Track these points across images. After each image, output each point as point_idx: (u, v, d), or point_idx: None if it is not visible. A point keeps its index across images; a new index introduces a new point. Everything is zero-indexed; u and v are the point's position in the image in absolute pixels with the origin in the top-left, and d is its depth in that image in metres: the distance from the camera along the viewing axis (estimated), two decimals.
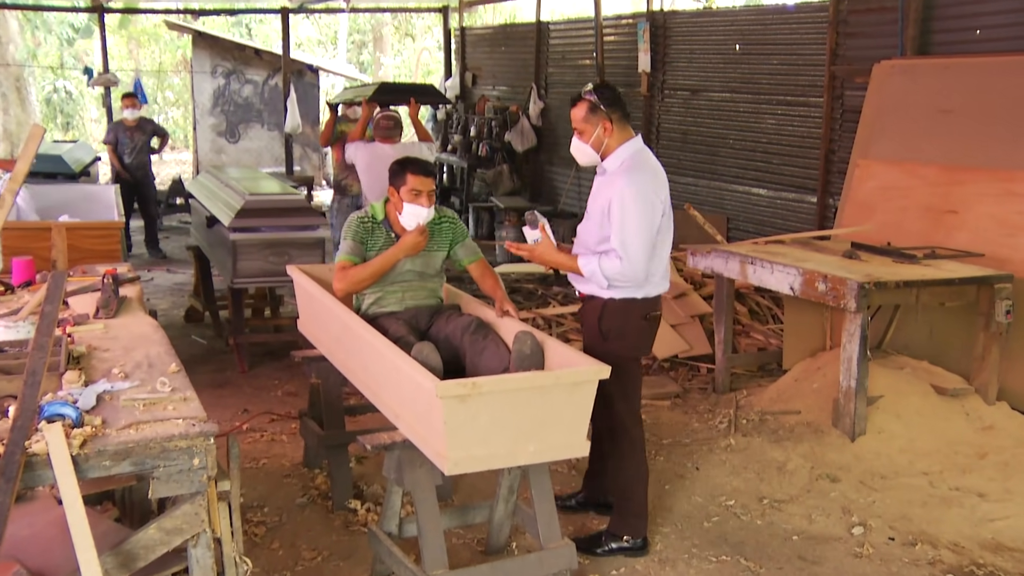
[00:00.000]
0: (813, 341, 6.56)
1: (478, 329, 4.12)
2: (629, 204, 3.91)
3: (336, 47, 28.63)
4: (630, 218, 3.91)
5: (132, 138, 11.05)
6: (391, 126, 7.76)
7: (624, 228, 3.91)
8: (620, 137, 4.06)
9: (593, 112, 4.02)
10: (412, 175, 4.32)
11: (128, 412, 2.91)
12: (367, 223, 4.42)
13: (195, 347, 7.51)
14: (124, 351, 3.57)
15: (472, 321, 4.19)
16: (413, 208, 4.31)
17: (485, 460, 3.36)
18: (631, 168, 4.00)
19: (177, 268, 10.67)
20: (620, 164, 4.04)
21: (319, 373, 4.71)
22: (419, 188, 4.30)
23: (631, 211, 3.91)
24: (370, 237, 4.40)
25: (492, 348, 3.99)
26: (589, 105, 4.02)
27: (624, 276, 3.95)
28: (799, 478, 5.09)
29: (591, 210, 4.12)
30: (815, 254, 6.08)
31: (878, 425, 5.42)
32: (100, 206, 7.18)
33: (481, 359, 3.97)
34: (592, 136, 4.04)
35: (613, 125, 4.02)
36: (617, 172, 4.02)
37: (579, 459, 5.01)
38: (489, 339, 4.05)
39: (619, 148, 4.05)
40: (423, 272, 4.47)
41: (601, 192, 4.06)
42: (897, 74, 7.31)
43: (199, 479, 2.78)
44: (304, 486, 4.96)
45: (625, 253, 3.91)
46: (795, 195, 9.17)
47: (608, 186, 4.01)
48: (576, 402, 3.45)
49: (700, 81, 10.44)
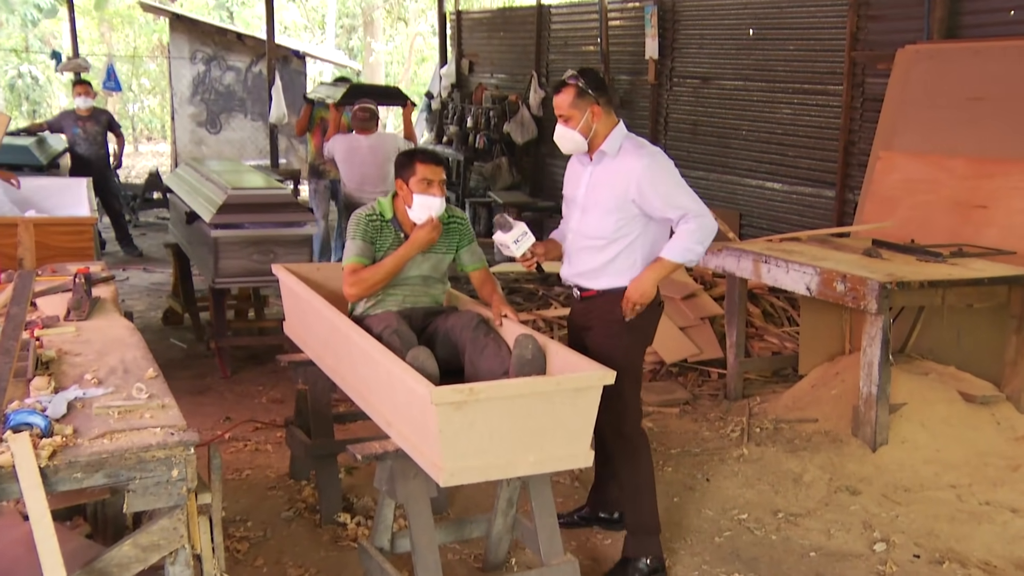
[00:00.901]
0: (831, 345, 6.56)
1: (480, 326, 4.12)
2: (661, 172, 4.01)
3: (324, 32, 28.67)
4: (671, 182, 4.01)
5: (85, 128, 10.95)
6: (367, 117, 8.33)
7: (671, 194, 3.99)
8: (608, 122, 4.12)
9: (581, 97, 4.07)
10: (421, 163, 4.29)
11: (101, 421, 2.89)
12: (375, 221, 4.36)
13: (174, 351, 7.50)
14: (97, 355, 3.56)
15: (475, 317, 4.19)
16: (424, 199, 4.27)
17: (483, 471, 3.36)
18: (638, 146, 4.09)
19: (154, 267, 10.66)
20: (620, 147, 4.09)
21: (306, 378, 4.70)
22: (430, 177, 4.27)
23: (666, 177, 4.01)
24: (378, 236, 4.35)
25: (493, 348, 3.99)
26: (576, 90, 4.08)
27: (708, 230, 4.00)
28: (817, 490, 5.08)
29: (600, 197, 4.10)
30: (833, 252, 6.08)
31: (901, 434, 5.42)
32: (70, 200, 7.16)
33: (481, 358, 3.97)
34: (580, 122, 4.08)
35: (601, 109, 4.09)
36: (624, 155, 4.07)
37: (583, 470, 5.00)
38: (491, 337, 4.06)
39: (612, 133, 4.11)
40: (429, 276, 4.45)
41: (608, 179, 4.07)
42: (923, 59, 7.30)
43: (178, 492, 2.77)
44: (290, 499, 4.95)
45: (691, 211, 3.98)
46: (812, 189, 9.16)
47: (618, 172, 4.05)
48: (579, 409, 3.44)
49: (711, 68, 10.43)
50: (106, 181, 11.13)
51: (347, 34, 29.93)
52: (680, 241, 4.00)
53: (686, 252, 4.01)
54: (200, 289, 8.14)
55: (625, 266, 4.10)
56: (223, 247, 6.45)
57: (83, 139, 10.94)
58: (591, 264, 4.15)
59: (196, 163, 8.39)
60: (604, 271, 4.13)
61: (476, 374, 3.95)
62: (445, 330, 4.20)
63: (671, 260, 4.03)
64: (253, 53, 17.16)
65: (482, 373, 3.92)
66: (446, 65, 15.91)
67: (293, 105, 16.54)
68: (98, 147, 11.09)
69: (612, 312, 4.12)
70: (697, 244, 3.99)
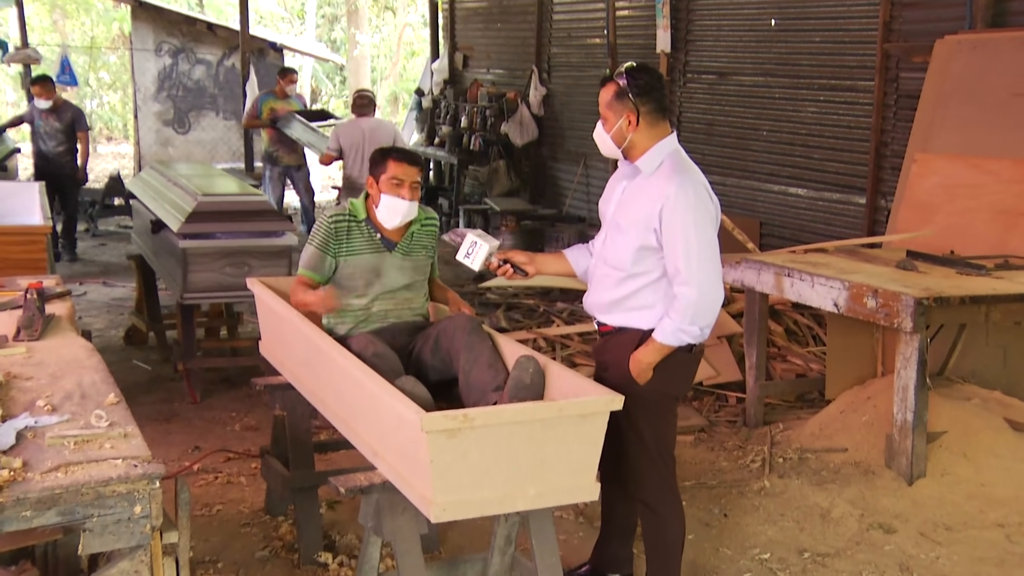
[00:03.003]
0: (862, 367, 6.55)
1: (476, 330, 4.15)
2: (682, 209, 3.76)
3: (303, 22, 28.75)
4: (686, 226, 3.76)
5: (48, 122, 11.06)
6: (365, 104, 10.00)
7: (676, 241, 3.76)
8: (650, 135, 3.90)
9: (619, 99, 3.89)
10: (394, 161, 4.36)
11: (55, 452, 2.88)
12: (343, 223, 4.43)
13: (137, 374, 7.48)
14: (51, 379, 3.55)
15: (469, 320, 4.23)
16: (391, 200, 4.34)
17: (478, 505, 3.35)
18: (675, 169, 3.85)
19: (116, 281, 10.65)
20: (658, 167, 3.89)
21: (284, 403, 4.69)
22: (401, 177, 4.33)
23: (683, 217, 3.76)
24: (346, 238, 4.42)
25: (488, 357, 4.02)
26: (616, 90, 3.90)
27: (704, 307, 3.76)
28: (847, 528, 5.07)
29: (623, 220, 3.92)
30: (864, 264, 6.08)
31: (941, 466, 5.41)
32: (20, 206, 7.14)
33: (475, 368, 4.00)
34: (614, 127, 3.91)
35: (640, 119, 3.86)
36: (659, 176, 3.86)
37: (588, 504, 4.98)
38: (487, 345, 4.09)
39: (653, 148, 3.89)
40: (412, 282, 4.53)
41: (637, 200, 3.90)
42: (964, 51, 7.31)
43: (141, 530, 2.76)
44: (266, 536, 4.93)
45: (695, 276, 3.74)
46: (840, 196, 9.18)
47: (647, 194, 3.86)
48: (584, 437, 3.44)
49: (729, 63, 10.47)
50: (62, 186, 11.18)
51: (329, 24, 30.04)
52: (670, 320, 3.79)
53: (678, 334, 3.79)
54: (167, 305, 8.15)
55: (642, 307, 3.92)
56: (192, 259, 6.44)
57: (44, 135, 11.12)
58: (607, 296, 4.00)
59: (162, 166, 8.40)
60: (620, 306, 3.97)
61: (468, 385, 3.99)
62: (436, 335, 4.24)
63: (662, 343, 3.82)
64: (225, 45, 17.20)
65: (473, 385, 3.96)
66: (438, 59, 15.95)
67: None
68: (57, 144, 11.18)
69: (626, 352, 3.96)
70: (689, 324, 3.76)
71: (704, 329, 3.81)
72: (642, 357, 3.87)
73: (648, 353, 3.85)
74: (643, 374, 3.88)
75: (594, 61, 12.49)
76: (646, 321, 3.91)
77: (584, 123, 12.36)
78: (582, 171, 12.59)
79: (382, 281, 4.42)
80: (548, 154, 13.51)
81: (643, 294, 3.91)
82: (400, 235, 4.48)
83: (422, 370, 4.22)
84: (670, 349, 3.83)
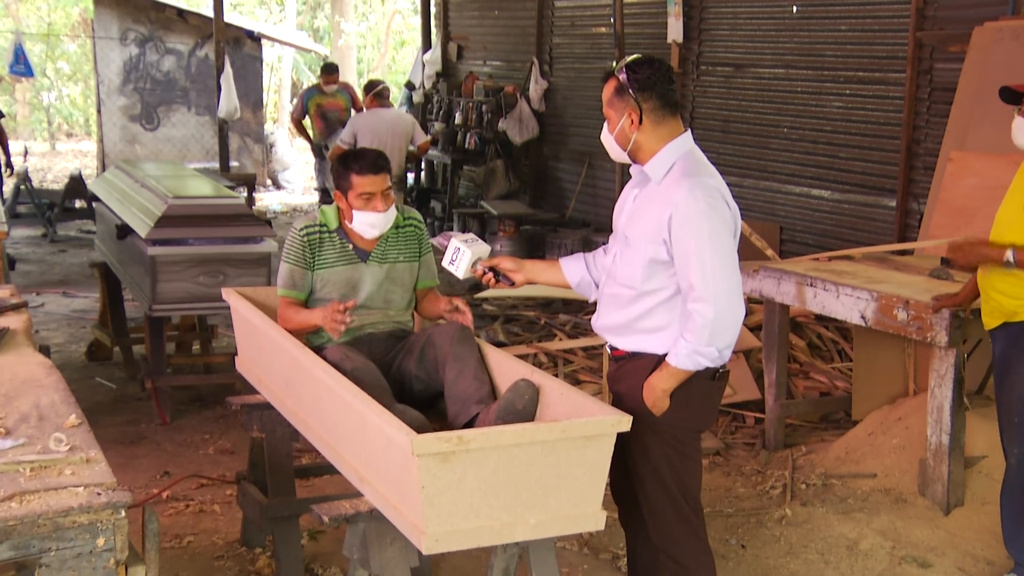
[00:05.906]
0: (891, 385, 6.55)
1: (465, 340, 4.19)
2: (697, 222, 3.64)
3: (283, 9, 28.78)
4: (705, 242, 3.62)
5: None
6: (387, 95, 10.84)
7: (688, 252, 3.63)
8: (658, 134, 3.77)
9: (619, 96, 3.78)
10: (357, 175, 4.38)
11: (9, 479, 2.88)
12: (313, 235, 4.49)
13: (101, 393, 7.49)
14: (5, 399, 3.55)
15: (458, 328, 4.27)
16: (365, 216, 4.41)
17: (473, 535, 3.34)
18: (685, 172, 3.72)
19: (77, 291, 10.65)
20: (668, 171, 3.76)
21: (262, 425, 4.68)
22: (369, 190, 4.38)
23: (703, 232, 3.63)
24: (319, 251, 4.48)
25: (474, 368, 4.07)
26: (616, 86, 3.79)
27: (722, 326, 3.62)
28: (876, 561, 5.07)
29: (632, 234, 3.81)
30: (894, 273, 6.09)
31: (980, 494, 5.41)
32: None
33: (459, 379, 4.05)
34: (616, 127, 3.82)
35: (643, 117, 3.75)
36: (668, 181, 3.74)
37: (593, 534, 4.98)
38: (475, 356, 4.14)
39: (663, 150, 3.77)
40: (392, 293, 4.57)
41: (646, 210, 3.79)
42: (1006, 39, 7.31)
43: (104, 565, 2.76)
44: (242, 570, 4.93)
45: (711, 292, 3.60)
46: (868, 198, 9.20)
47: (656, 202, 3.75)
48: (589, 461, 3.44)
49: (746, 54, 10.49)
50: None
51: (311, 12, 30.09)
52: (685, 341, 3.65)
53: (694, 356, 3.65)
54: (133, 318, 8.14)
55: (657, 328, 3.79)
56: (162, 267, 6.44)
57: None
58: (617, 318, 3.88)
59: (129, 166, 8.40)
60: (632, 328, 3.85)
61: (451, 396, 4.05)
62: (423, 344, 4.29)
63: (676, 367, 3.68)
64: (198, 34, 17.22)
65: (456, 396, 4.02)
66: (430, 50, 15.98)
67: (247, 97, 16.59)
68: None
69: (640, 379, 3.83)
70: (706, 346, 3.62)
71: (724, 351, 3.67)
72: (656, 384, 3.73)
73: (662, 379, 3.72)
74: (658, 403, 3.74)
75: (600, 52, 12.51)
76: (661, 344, 3.77)
77: (589, 120, 12.37)
78: (587, 172, 12.61)
79: (358, 294, 4.47)
80: (550, 153, 13.53)
81: (656, 314, 3.78)
82: (374, 243, 4.53)
83: (405, 382, 4.26)
84: (686, 374, 3.70)
